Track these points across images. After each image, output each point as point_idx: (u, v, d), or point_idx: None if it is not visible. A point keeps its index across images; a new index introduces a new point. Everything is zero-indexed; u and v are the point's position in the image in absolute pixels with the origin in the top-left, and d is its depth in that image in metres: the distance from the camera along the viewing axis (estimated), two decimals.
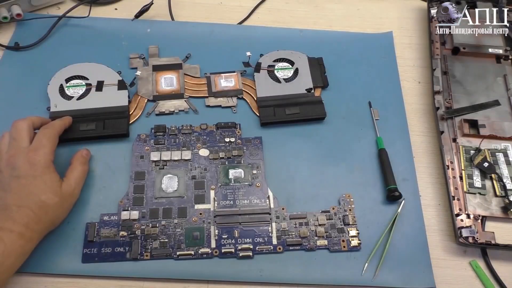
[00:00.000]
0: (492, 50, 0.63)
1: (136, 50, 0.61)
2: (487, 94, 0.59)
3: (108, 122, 0.53)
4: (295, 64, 0.60)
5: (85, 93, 0.55)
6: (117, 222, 0.48)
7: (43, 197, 0.44)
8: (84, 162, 0.50)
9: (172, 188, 0.50)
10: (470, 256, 0.50)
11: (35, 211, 0.43)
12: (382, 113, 0.58)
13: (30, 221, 0.42)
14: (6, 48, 0.60)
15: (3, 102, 0.54)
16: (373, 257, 0.48)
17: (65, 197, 0.46)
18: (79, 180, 0.48)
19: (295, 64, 0.60)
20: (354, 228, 0.49)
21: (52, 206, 0.44)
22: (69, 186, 0.46)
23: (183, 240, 0.47)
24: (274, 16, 0.69)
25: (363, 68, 0.63)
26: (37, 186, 0.44)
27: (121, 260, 0.46)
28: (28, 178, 0.44)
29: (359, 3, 0.71)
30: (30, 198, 0.43)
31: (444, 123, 0.56)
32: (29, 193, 0.43)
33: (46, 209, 0.44)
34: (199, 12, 0.68)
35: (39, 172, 0.44)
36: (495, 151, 0.55)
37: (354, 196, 0.51)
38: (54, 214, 0.45)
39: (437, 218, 0.52)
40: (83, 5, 0.64)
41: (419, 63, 0.65)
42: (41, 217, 0.43)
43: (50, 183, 0.45)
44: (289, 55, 0.61)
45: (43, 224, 0.44)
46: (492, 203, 0.51)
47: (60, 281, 0.45)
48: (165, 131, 0.54)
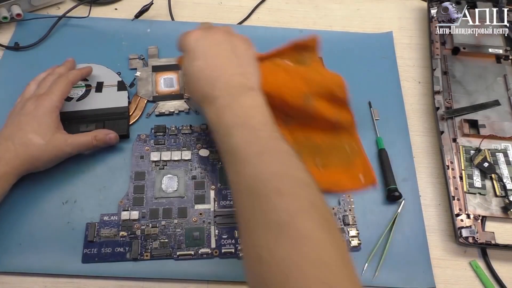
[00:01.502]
0: (492, 50, 0.63)
1: (136, 50, 0.61)
2: (487, 94, 0.59)
3: (108, 123, 0.53)
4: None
5: (85, 94, 0.55)
6: (117, 222, 0.48)
7: (30, 135, 0.45)
8: (99, 140, 0.50)
9: (172, 188, 0.50)
10: (470, 256, 0.50)
11: (16, 146, 0.45)
12: (382, 113, 0.58)
13: (7, 154, 0.44)
14: (6, 48, 0.60)
15: (3, 102, 0.54)
16: (373, 257, 0.48)
17: (53, 144, 0.47)
18: (78, 144, 0.48)
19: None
20: (354, 228, 0.49)
21: (35, 146, 0.45)
22: (64, 139, 0.47)
23: (183, 240, 0.47)
24: (274, 16, 0.69)
25: (363, 68, 0.62)
26: (30, 125, 0.46)
27: (121, 260, 0.46)
28: (28, 117, 0.46)
29: (359, 3, 0.71)
30: (19, 134, 0.45)
31: (444, 123, 0.56)
32: (20, 129, 0.46)
33: (28, 146, 0.45)
34: (199, 12, 0.68)
35: (39, 114, 0.47)
36: (495, 151, 0.55)
37: (354, 196, 0.51)
38: (35, 153, 0.46)
39: (437, 218, 0.52)
40: (83, 5, 0.64)
41: (419, 63, 0.65)
42: (20, 152, 0.45)
43: (45, 126, 0.46)
44: None
45: (19, 160, 0.45)
46: (492, 203, 0.51)
47: (60, 281, 0.45)
48: (165, 131, 0.54)
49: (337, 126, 0.51)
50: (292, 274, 0.30)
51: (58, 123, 0.48)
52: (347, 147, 0.52)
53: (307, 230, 0.32)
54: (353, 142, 0.53)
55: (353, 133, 0.53)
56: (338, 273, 0.31)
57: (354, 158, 0.52)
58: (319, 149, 0.51)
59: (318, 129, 0.51)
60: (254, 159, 0.36)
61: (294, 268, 0.30)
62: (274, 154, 0.37)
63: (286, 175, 0.35)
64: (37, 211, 0.48)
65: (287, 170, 0.36)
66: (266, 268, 0.32)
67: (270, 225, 0.32)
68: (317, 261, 0.30)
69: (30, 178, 0.49)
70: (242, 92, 0.41)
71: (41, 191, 0.49)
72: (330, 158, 0.51)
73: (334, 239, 0.33)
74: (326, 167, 0.51)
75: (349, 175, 0.51)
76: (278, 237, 0.32)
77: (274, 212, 0.33)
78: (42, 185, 0.50)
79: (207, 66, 0.43)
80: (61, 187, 0.50)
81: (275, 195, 0.33)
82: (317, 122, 0.50)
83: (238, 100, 0.41)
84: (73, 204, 0.49)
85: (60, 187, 0.50)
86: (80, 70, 0.53)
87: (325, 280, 0.30)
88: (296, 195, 0.34)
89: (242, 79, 0.43)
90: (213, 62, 0.43)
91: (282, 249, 0.31)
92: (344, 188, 0.51)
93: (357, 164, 0.52)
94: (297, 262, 0.30)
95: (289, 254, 0.31)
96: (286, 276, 0.30)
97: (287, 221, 0.32)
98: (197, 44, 0.44)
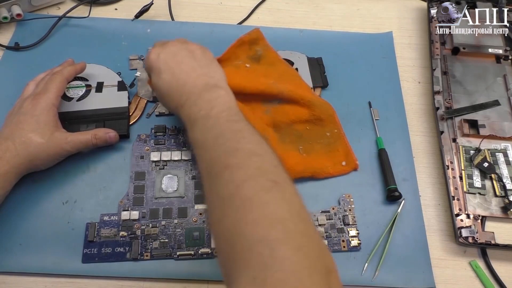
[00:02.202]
0: (492, 50, 0.63)
1: (136, 51, 0.61)
2: (487, 94, 0.59)
3: (108, 123, 0.53)
4: (295, 64, 0.60)
5: (85, 94, 0.55)
6: (117, 222, 0.48)
7: (29, 134, 0.46)
8: (99, 138, 0.50)
9: (172, 188, 0.50)
10: (470, 256, 0.50)
11: (16, 145, 0.45)
12: (382, 113, 0.58)
13: (8, 154, 0.44)
14: (6, 48, 0.60)
15: (3, 102, 0.54)
16: (373, 257, 0.48)
17: (53, 143, 0.47)
18: (78, 142, 0.49)
19: (294, 64, 0.60)
20: (354, 228, 0.49)
21: (35, 144, 0.46)
22: (64, 137, 0.48)
23: (183, 240, 0.47)
24: (274, 16, 0.69)
25: (363, 68, 0.63)
26: (29, 124, 0.46)
27: (121, 260, 0.46)
28: (26, 116, 0.47)
29: (359, 3, 0.71)
30: (18, 133, 0.46)
31: (444, 123, 0.56)
32: (20, 128, 0.46)
33: (28, 145, 0.46)
34: (199, 12, 0.68)
35: (37, 113, 0.47)
36: (495, 151, 0.55)
37: (354, 196, 0.51)
38: (35, 152, 0.46)
39: (437, 218, 0.52)
40: (83, 5, 0.64)
41: (419, 63, 0.65)
42: (20, 151, 0.45)
43: (43, 124, 0.47)
44: (289, 55, 0.61)
45: (19, 159, 0.45)
46: (492, 203, 0.51)
47: (60, 281, 0.45)
48: (165, 131, 0.54)
49: (316, 113, 0.53)
50: (237, 241, 0.30)
51: (56, 121, 0.49)
52: (328, 133, 0.54)
53: (251, 195, 0.32)
54: (334, 128, 0.54)
55: (333, 119, 0.55)
56: (291, 229, 0.30)
57: (335, 143, 0.54)
58: (301, 136, 0.53)
59: (298, 116, 0.53)
60: (211, 144, 0.38)
61: (238, 235, 0.30)
62: (228, 134, 0.38)
63: (235, 150, 0.36)
64: (37, 211, 0.48)
65: (237, 145, 0.37)
66: (218, 242, 0.33)
67: (220, 200, 0.33)
68: (262, 222, 0.30)
69: (31, 178, 0.49)
70: (206, 89, 0.43)
71: (41, 191, 0.49)
72: (312, 145, 0.53)
73: (285, 198, 0.32)
74: (309, 153, 0.53)
75: (331, 160, 0.53)
76: (225, 208, 0.32)
77: (223, 187, 0.34)
78: (42, 185, 0.50)
79: (173, 76, 0.45)
80: (61, 187, 0.50)
81: (224, 171, 0.34)
82: (295, 108, 0.53)
83: (202, 97, 0.43)
84: (73, 204, 0.49)
85: (60, 187, 0.50)
86: (74, 66, 0.53)
87: (273, 238, 0.29)
88: (242, 166, 0.34)
89: (206, 78, 0.45)
90: (177, 70, 0.45)
91: (228, 219, 0.32)
92: (328, 173, 0.52)
93: (339, 149, 0.54)
94: (241, 228, 0.30)
95: (234, 222, 0.31)
96: (232, 245, 0.30)
97: (233, 192, 0.33)
98: (158, 60, 0.46)
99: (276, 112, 0.54)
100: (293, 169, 0.51)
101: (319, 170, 0.52)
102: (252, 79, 0.53)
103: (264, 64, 0.57)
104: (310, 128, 0.54)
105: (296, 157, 0.52)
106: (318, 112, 0.53)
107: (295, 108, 0.53)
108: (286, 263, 0.28)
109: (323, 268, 0.29)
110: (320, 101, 0.55)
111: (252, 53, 0.57)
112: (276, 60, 0.58)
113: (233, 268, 0.30)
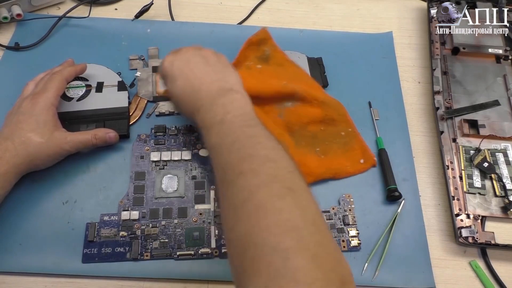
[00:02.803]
0: (492, 50, 0.63)
1: (136, 51, 0.61)
2: (487, 94, 0.59)
3: (108, 123, 0.53)
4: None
5: (85, 94, 0.55)
6: (117, 222, 0.48)
7: (29, 134, 0.46)
8: (99, 138, 0.50)
9: (172, 188, 0.50)
10: (470, 256, 0.50)
11: (16, 145, 0.45)
12: (382, 113, 0.58)
13: (7, 154, 0.44)
14: (6, 48, 0.60)
15: (3, 102, 0.54)
16: (373, 257, 0.48)
17: (52, 142, 0.47)
18: (78, 142, 0.49)
19: None
20: (354, 228, 0.49)
21: (34, 144, 0.46)
22: (63, 137, 0.48)
23: (183, 240, 0.47)
24: (274, 16, 0.69)
25: (363, 68, 0.63)
26: (28, 124, 0.46)
27: (121, 260, 0.46)
28: (26, 116, 0.47)
29: (359, 3, 0.71)
30: (18, 133, 0.46)
31: (444, 123, 0.56)
32: (19, 128, 0.46)
33: (28, 145, 0.45)
34: (199, 12, 0.68)
35: (36, 112, 0.47)
36: (495, 151, 0.55)
37: (354, 196, 0.51)
38: (35, 151, 0.46)
39: (437, 218, 0.52)
40: (83, 5, 0.64)
41: (419, 63, 0.65)
42: (20, 151, 0.45)
43: (43, 124, 0.47)
44: (289, 55, 0.61)
45: (19, 159, 0.45)
46: (492, 203, 0.51)
47: (60, 281, 0.45)
48: (165, 131, 0.54)
49: (329, 113, 0.54)
50: (250, 248, 0.30)
51: (56, 120, 0.49)
52: (343, 133, 0.54)
53: (265, 202, 0.32)
54: (348, 127, 0.54)
55: (346, 118, 0.55)
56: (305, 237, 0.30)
57: (351, 142, 0.54)
58: (316, 137, 0.53)
59: (312, 118, 0.53)
60: (226, 150, 0.38)
61: (251, 242, 0.30)
62: (243, 139, 0.38)
63: (250, 156, 0.36)
64: (37, 211, 0.48)
65: (252, 151, 0.36)
66: (230, 248, 0.33)
67: (234, 207, 0.33)
68: (275, 230, 0.30)
69: (31, 178, 0.49)
70: (221, 94, 0.43)
71: (41, 191, 0.49)
72: (328, 145, 0.53)
73: (300, 206, 0.32)
74: (327, 154, 0.53)
75: (350, 159, 0.53)
76: (238, 215, 0.32)
77: (236, 193, 0.34)
78: (42, 185, 0.50)
79: (187, 82, 0.45)
80: (61, 187, 0.50)
81: (238, 177, 0.34)
82: (308, 110, 0.53)
83: (217, 102, 0.42)
84: (73, 204, 0.49)
85: (60, 187, 0.50)
86: (75, 67, 0.53)
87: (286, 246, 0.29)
88: (256, 172, 0.34)
89: (220, 83, 0.45)
90: (191, 76, 0.45)
91: (241, 225, 0.32)
92: (348, 173, 0.53)
93: (355, 147, 0.54)
94: (254, 235, 0.30)
95: (246, 229, 0.31)
96: (244, 252, 0.30)
97: (246, 198, 0.32)
98: (172, 66, 0.46)
99: (289, 115, 0.53)
100: (314, 172, 0.51)
101: (339, 171, 0.52)
102: (266, 80, 0.53)
103: (273, 65, 0.57)
104: (325, 129, 0.54)
105: (315, 160, 0.52)
106: (331, 112, 0.54)
107: (308, 109, 0.53)
108: (299, 274, 0.27)
109: (338, 280, 0.29)
110: (332, 101, 0.55)
111: (260, 53, 0.58)
112: (284, 60, 0.58)
113: (245, 275, 0.29)
